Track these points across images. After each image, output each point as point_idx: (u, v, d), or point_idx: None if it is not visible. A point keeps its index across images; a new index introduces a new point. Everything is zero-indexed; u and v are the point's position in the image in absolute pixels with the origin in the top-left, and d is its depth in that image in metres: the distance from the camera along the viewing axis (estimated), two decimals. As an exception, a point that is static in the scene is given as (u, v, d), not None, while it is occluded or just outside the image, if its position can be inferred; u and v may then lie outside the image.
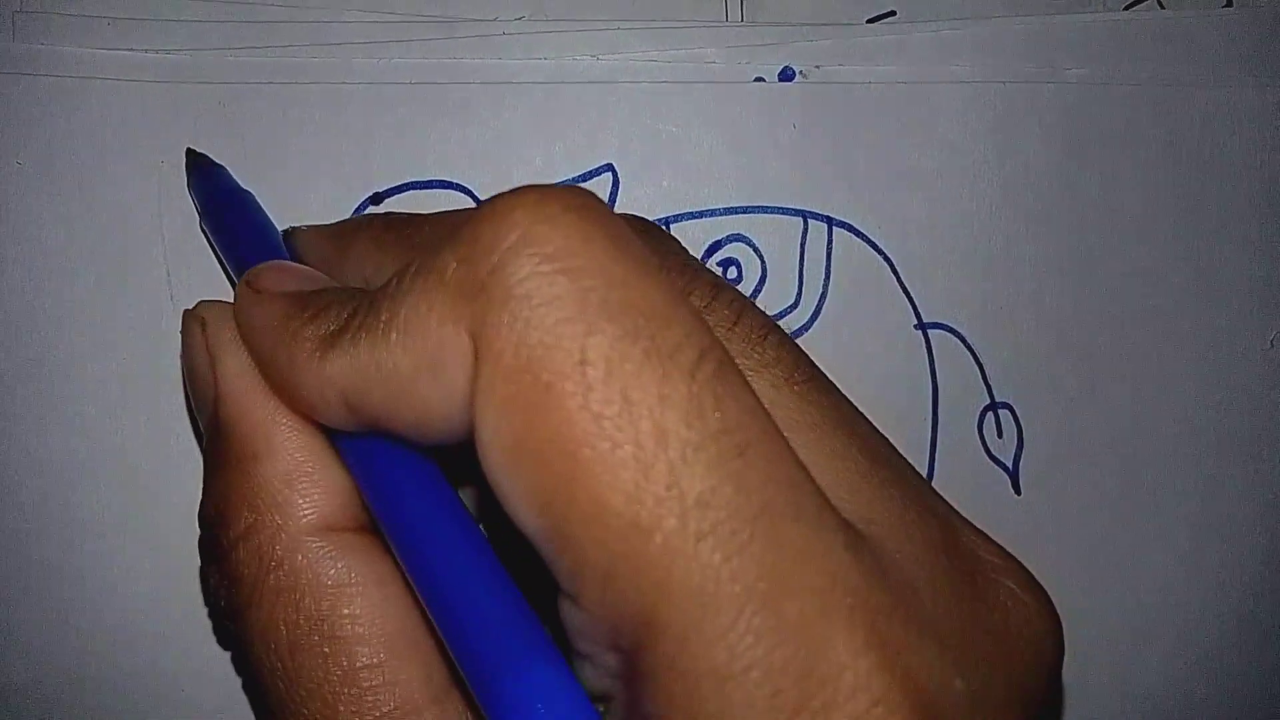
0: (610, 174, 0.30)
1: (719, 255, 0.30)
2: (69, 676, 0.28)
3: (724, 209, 0.30)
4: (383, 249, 0.23)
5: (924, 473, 0.30)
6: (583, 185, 0.30)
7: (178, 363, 0.28)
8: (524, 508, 0.16)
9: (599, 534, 0.15)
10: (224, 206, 0.27)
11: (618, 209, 0.30)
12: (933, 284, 0.30)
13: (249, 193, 0.28)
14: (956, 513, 0.19)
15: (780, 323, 0.30)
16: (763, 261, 0.30)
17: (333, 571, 0.19)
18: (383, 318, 0.17)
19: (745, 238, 0.30)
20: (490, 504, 0.16)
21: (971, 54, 0.30)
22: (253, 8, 0.29)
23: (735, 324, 0.19)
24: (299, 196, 0.29)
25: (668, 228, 0.30)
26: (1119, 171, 0.31)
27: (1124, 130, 0.31)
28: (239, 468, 0.20)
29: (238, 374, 0.20)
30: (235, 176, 0.28)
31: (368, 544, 0.20)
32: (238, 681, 0.28)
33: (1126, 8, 0.31)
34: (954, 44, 0.30)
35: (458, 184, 0.29)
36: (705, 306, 0.19)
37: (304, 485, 0.20)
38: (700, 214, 0.30)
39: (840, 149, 0.30)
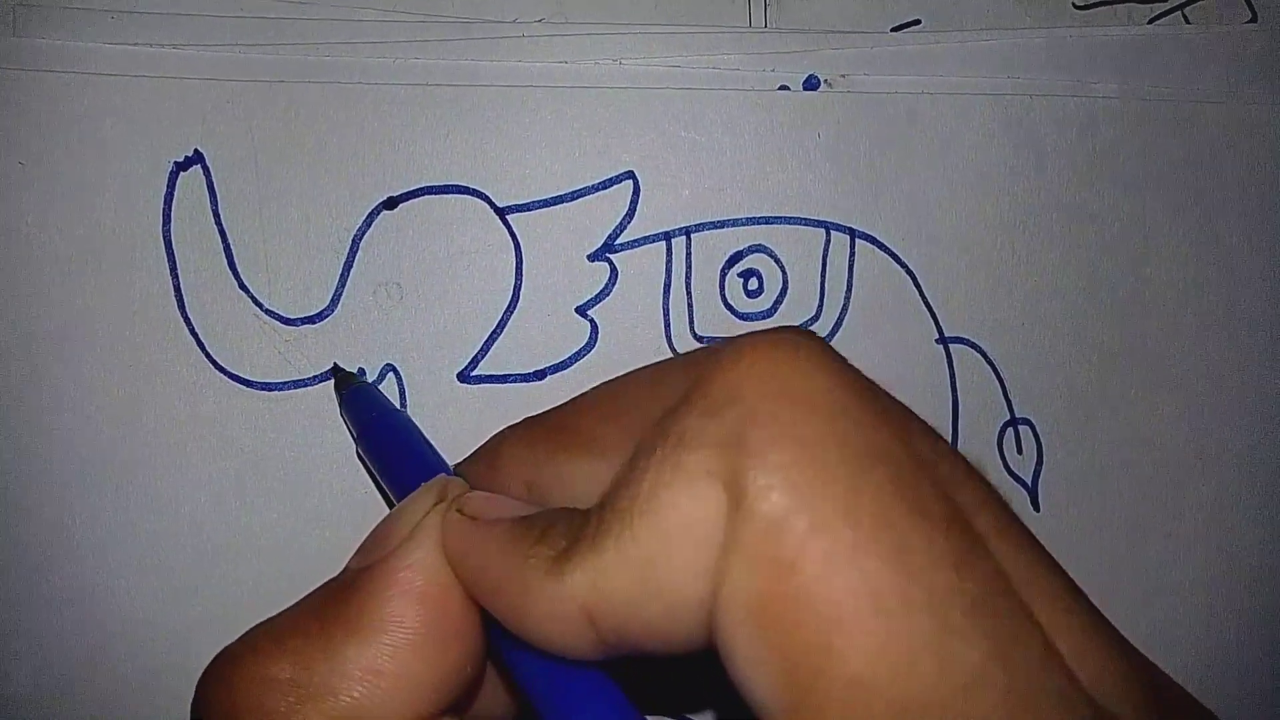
0: (631, 181, 0.29)
1: (740, 266, 0.29)
2: (71, 680, 0.27)
3: (746, 219, 0.29)
4: (536, 448, 0.22)
5: (943, 489, 0.30)
6: (604, 192, 0.29)
7: (183, 364, 0.27)
8: (763, 676, 0.14)
9: (855, 715, 0.13)
10: (381, 429, 0.26)
11: (637, 217, 0.29)
12: (955, 298, 0.30)
13: (402, 412, 0.27)
14: (1155, 665, 0.18)
15: (801, 335, 0.30)
16: (784, 273, 0.30)
17: None
18: (622, 506, 0.16)
19: (767, 248, 0.30)
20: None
21: (996, 66, 0.30)
22: (263, 3, 0.28)
23: (941, 462, 0.17)
24: (310, 199, 0.28)
25: (688, 238, 0.29)
26: (1143, 186, 0.31)
27: (1148, 145, 0.31)
28: (327, 627, 0.19)
29: (417, 566, 0.19)
30: (243, 179, 0.28)
31: None
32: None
33: (1151, 21, 0.31)
34: (979, 55, 0.30)
35: (473, 189, 0.28)
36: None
37: (361, 689, 0.18)
38: (721, 223, 0.29)
39: (864, 159, 0.30)
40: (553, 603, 0.17)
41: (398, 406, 0.28)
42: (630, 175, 0.29)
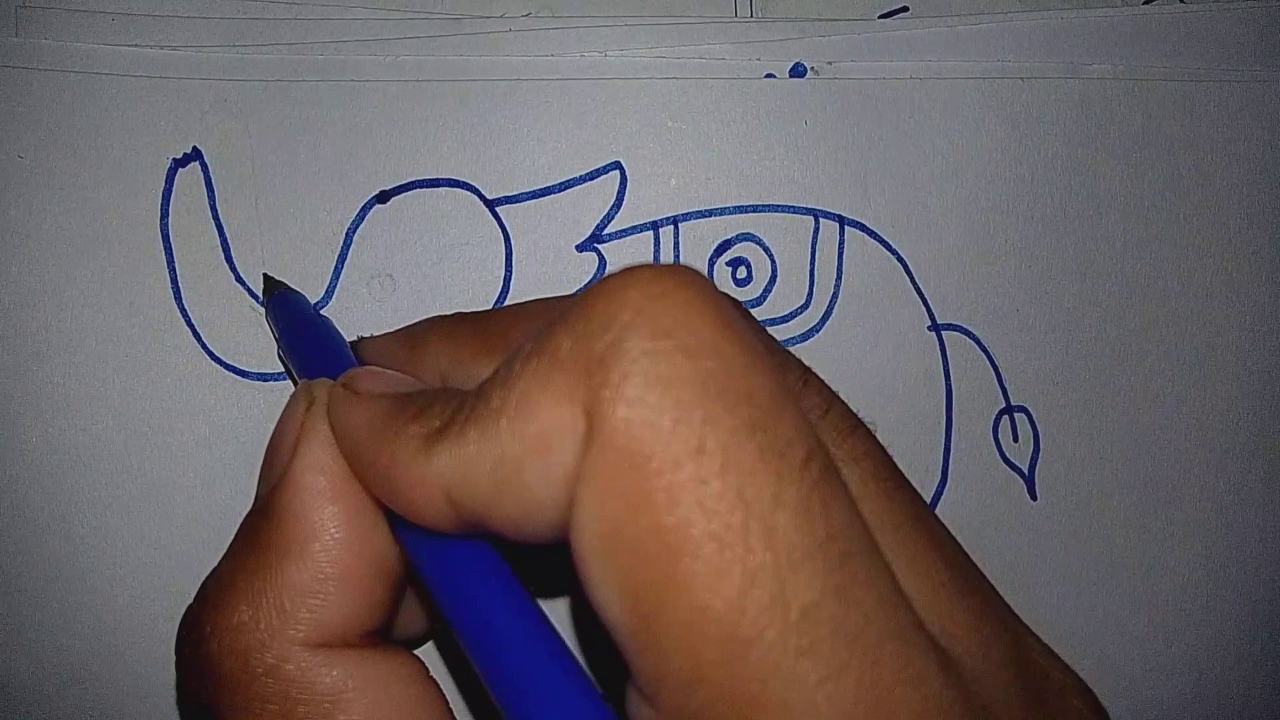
0: (618, 172, 0.29)
1: (728, 255, 0.29)
2: (70, 674, 0.28)
3: (734, 208, 0.29)
4: (459, 344, 0.23)
5: (937, 478, 0.30)
6: (592, 182, 0.29)
7: (180, 356, 0.28)
8: (613, 601, 0.15)
9: (692, 640, 0.14)
10: (300, 330, 0.27)
11: (625, 208, 0.29)
12: (946, 284, 0.30)
13: (326, 318, 0.27)
14: (1023, 623, 0.19)
15: (791, 324, 0.29)
16: (773, 261, 0.30)
17: (328, 680, 0.19)
18: (493, 405, 0.16)
19: (755, 237, 0.30)
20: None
21: (986, 50, 0.30)
22: (258, 4, 0.29)
23: (826, 413, 0.19)
24: (304, 194, 0.28)
25: (676, 227, 0.29)
26: (1139, 169, 0.30)
27: (1144, 127, 0.30)
28: (263, 558, 0.19)
29: (315, 469, 0.20)
30: (240, 175, 0.28)
31: (364, 652, 0.19)
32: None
33: (1147, 1, 0.30)
34: (968, 40, 0.30)
35: (464, 182, 0.29)
36: (797, 394, 0.19)
37: (317, 600, 0.19)
38: (709, 213, 0.29)
39: (852, 147, 0.29)
40: (419, 479, 0.17)
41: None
42: (617, 165, 0.29)
